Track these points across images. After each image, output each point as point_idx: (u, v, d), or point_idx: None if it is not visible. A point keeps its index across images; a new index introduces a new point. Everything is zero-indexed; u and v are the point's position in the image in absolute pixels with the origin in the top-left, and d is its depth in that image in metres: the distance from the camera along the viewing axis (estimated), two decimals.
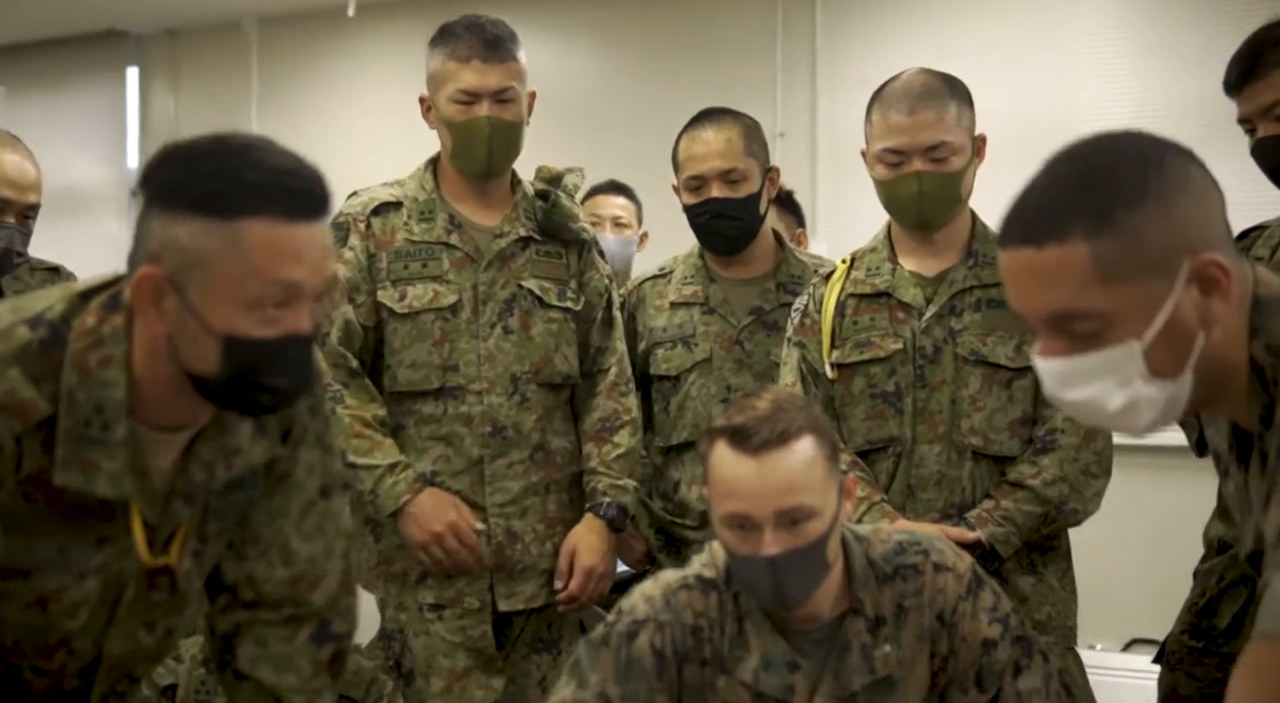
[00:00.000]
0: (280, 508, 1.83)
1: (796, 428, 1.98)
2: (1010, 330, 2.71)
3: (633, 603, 2.11)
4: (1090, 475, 2.71)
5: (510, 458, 2.86)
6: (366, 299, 2.85)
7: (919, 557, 2.09)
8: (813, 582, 1.99)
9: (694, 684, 2.06)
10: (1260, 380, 1.46)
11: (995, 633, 2.06)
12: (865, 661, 2.04)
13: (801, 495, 1.96)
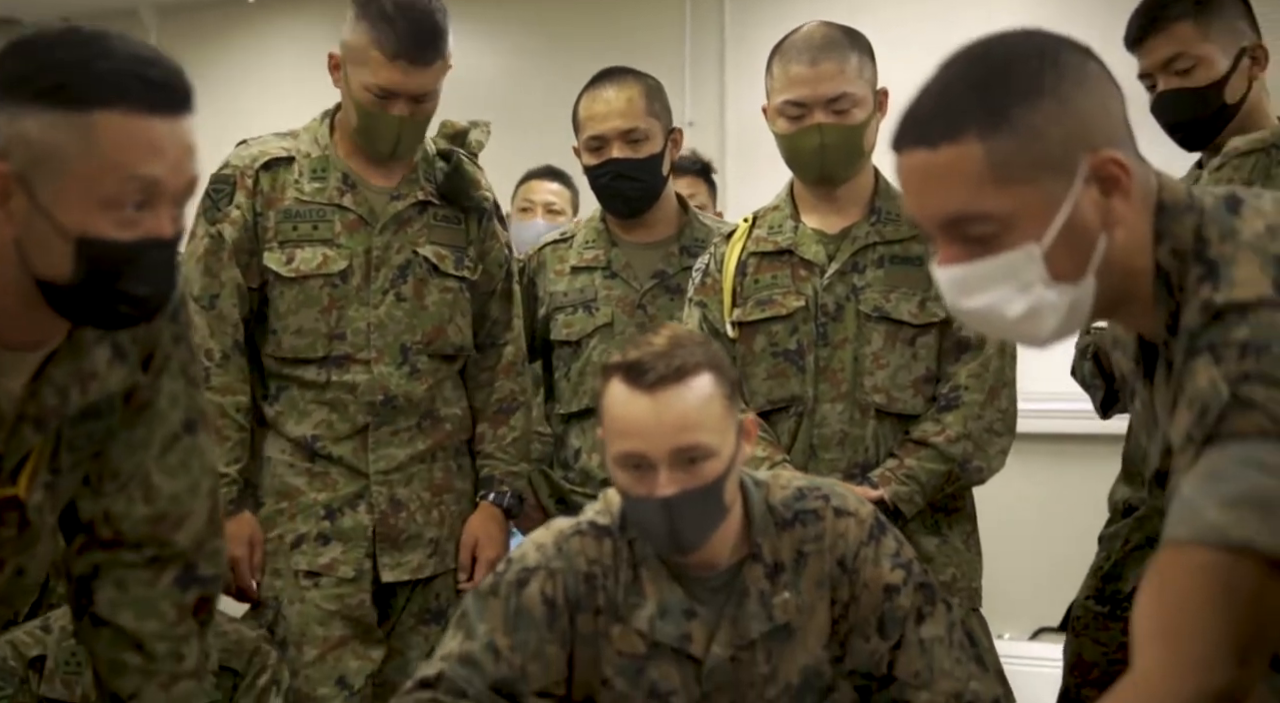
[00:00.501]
0: (141, 440, 1.73)
1: (694, 364, 1.91)
2: (914, 287, 2.67)
3: (523, 551, 2.03)
4: (994, 433, 2.67)
5: (396, 425, 2.76)
6: (250, 260, 2.74)
7: (819, 502, 2.02)
8: (709, 525, 1.92)
9: (587, 634, 1.98)
10: (1166, 287, 1.41)
11: (898, 579, 2.00)
12: (764, 608, 1.97)
13: (698, 434, 1.89)
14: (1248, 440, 1.26)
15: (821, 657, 1.99)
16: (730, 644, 1.96)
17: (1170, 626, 1.28)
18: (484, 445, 2.89)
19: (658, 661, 1.97)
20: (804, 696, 1.98)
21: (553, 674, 1.97)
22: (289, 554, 2.75)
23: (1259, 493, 1.25)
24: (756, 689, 1.97)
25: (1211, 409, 1.28)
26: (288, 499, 2.76)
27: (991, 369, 2.66)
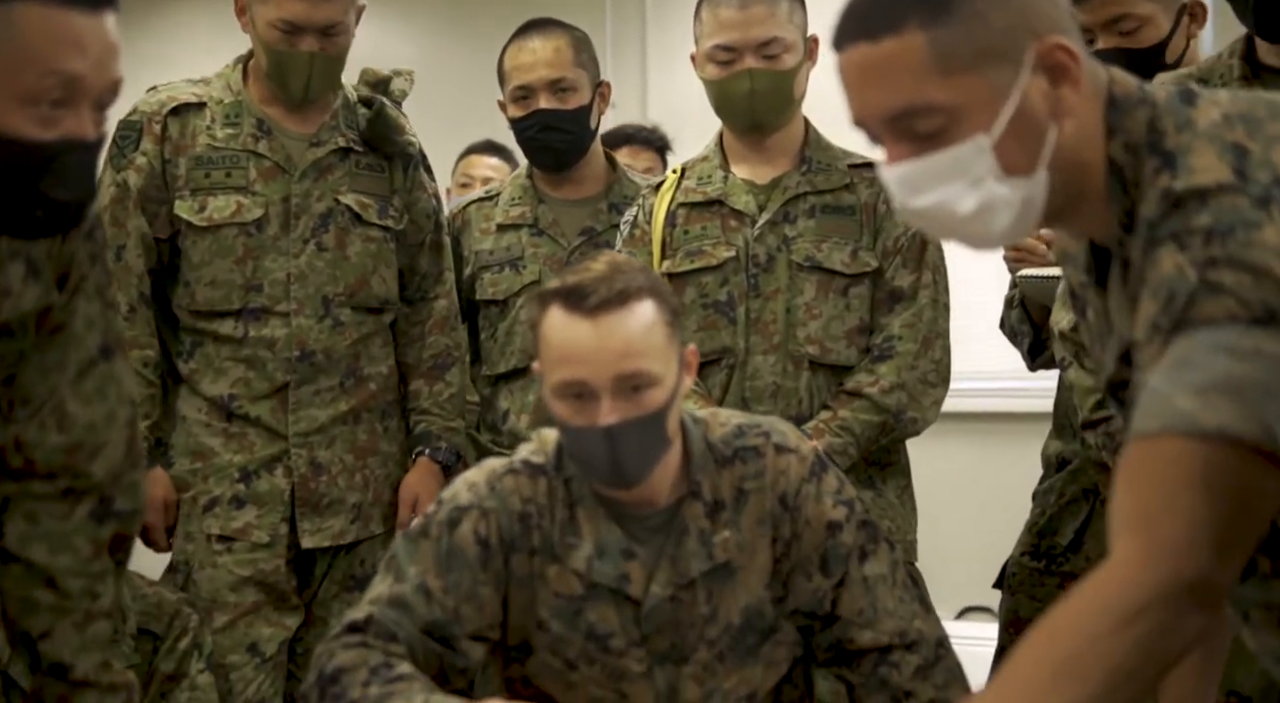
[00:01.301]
0: (55, 364, 1.65)
1: (636, 288, 1.86)
2: (846, 237, 2.64)
3: (454, 491, 1.96)
4: (928, 384, 2.65)
5: (318, 385, 2.68)
6: (161, 209, 2.65)
7: (759, 439, 1.97)
8: (653, 456, 1.86)
9: (522, 575, 1.92)
10: (1120, 183, 1.38)
11: (840, 516, 1.96)
12: (704, 547, 1.92)
13: (641, 360, 1.83)
14: (1217, 326, 1.23)
15: (763, 596, 1.94)
16: (670, 584, 1.91)
17: (1144, 514, 1.24)
18: (419, 402, 2.82)
19: (595, 602, 1.91)
20: (745, 636, 1.93)
21: (487, 617, 1.90)
22: (201, 517, 2.65)
23: (1231, 379, 1.21)
24: (697, 630, 1.92)
25: (1179, 295, 1.25)
26: (202, 460, 2.67)
27: (925, 319, 2.64)
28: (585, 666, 1.92)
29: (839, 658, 1.96)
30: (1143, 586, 1.22)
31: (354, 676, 1.79)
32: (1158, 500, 1.24)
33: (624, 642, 1.91)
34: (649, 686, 1.91)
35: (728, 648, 1.93)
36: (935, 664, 1.94)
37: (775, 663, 1.95)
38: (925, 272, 2.65)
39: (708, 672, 1.92)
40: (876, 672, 1.93)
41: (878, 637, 1.93)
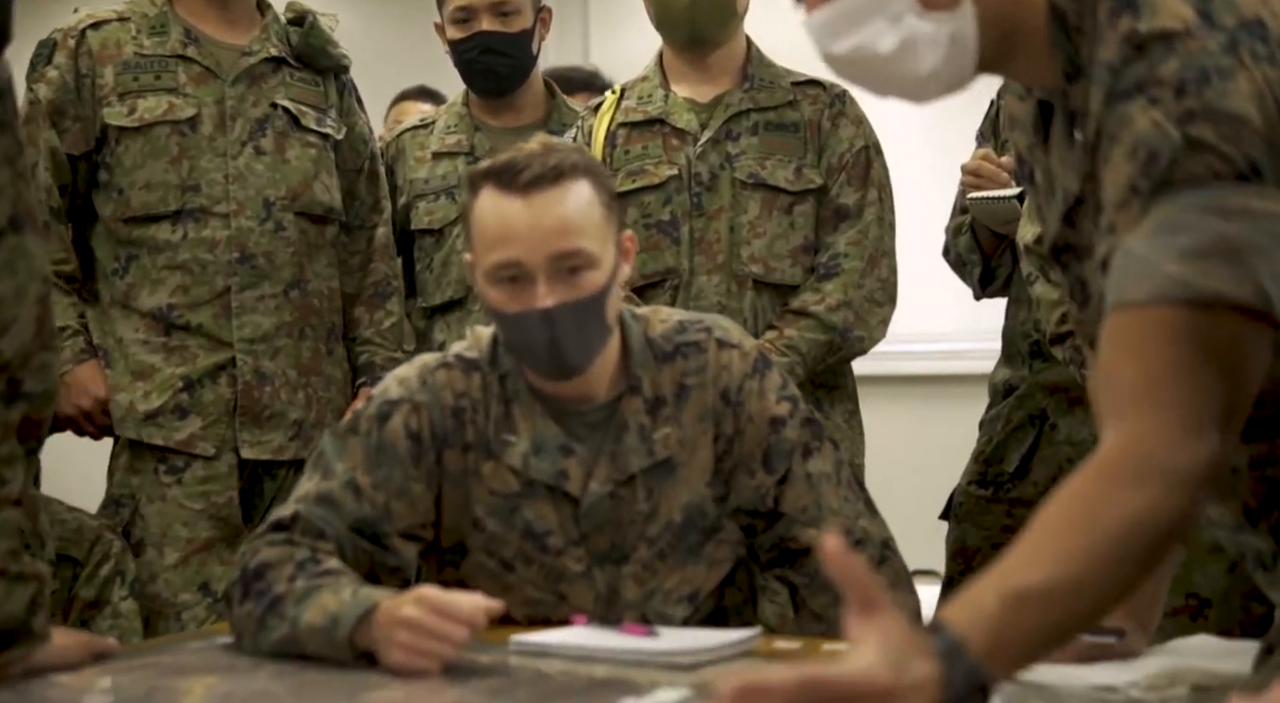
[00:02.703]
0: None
1: (570, 166, 1.79)
2: (790, 154, 2.59)
3: (385, 386, 1.89)
4: (874, 303, 2.60)
5: (261, 291, 2.59)
6: (75, 124, 2.56)
7: (701, 334, 1.91)
8: (593, 343, 1.79)
9: (455, 472, 1.85)
10: (1062, 29, 1.32)
11: (783, 411, 1.89)
12: (644, 443, 1.85)
13: (578, 239, 1.76)
14: (1202, 186, 1.17)
15: (705, 494, 1.87)
16: (609, 481, 1.84)
17: (1146, 387, 1.15)
18: (361, 331, 2.75)
19: (532, 499, 1.84)
20: (687, 534, 1.87)
21: (419, 514, 1.83)
22: (140, 424, 2.55)
23: (1224, 240, 1.14)
24: (637, 527, 1.85)
25: (1161, 156, 1.17)
26: (143, 379, 2.57)
27: (871, 237, 2.59)
28: (522, 566, 1.85)
29: (782, 558, 1.90)
30: (1173, 461, 1.13)
31: (279, 571, 1.71)
32: (1164, 373, 1.15)
33: (562, 541, 1.84)
34: (588, 586, 1.84)
35: (668, 547, 1.86)
36: (882, 564, 1.88)
37: (718, 562, 1.89)
38: (871, 189, 2.60)
39: (648, 571, 1.86)
40: (821, 571, 1.87)
41: (821, 535, 1.87)
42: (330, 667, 1.61)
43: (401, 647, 1.57)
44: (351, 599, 1.63)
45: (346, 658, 1.61)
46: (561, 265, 1.75)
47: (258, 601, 1.70)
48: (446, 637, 1.56)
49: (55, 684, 1.58)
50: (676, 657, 1.60)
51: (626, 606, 1.83)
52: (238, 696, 1.51)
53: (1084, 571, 1.12)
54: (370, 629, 1.60)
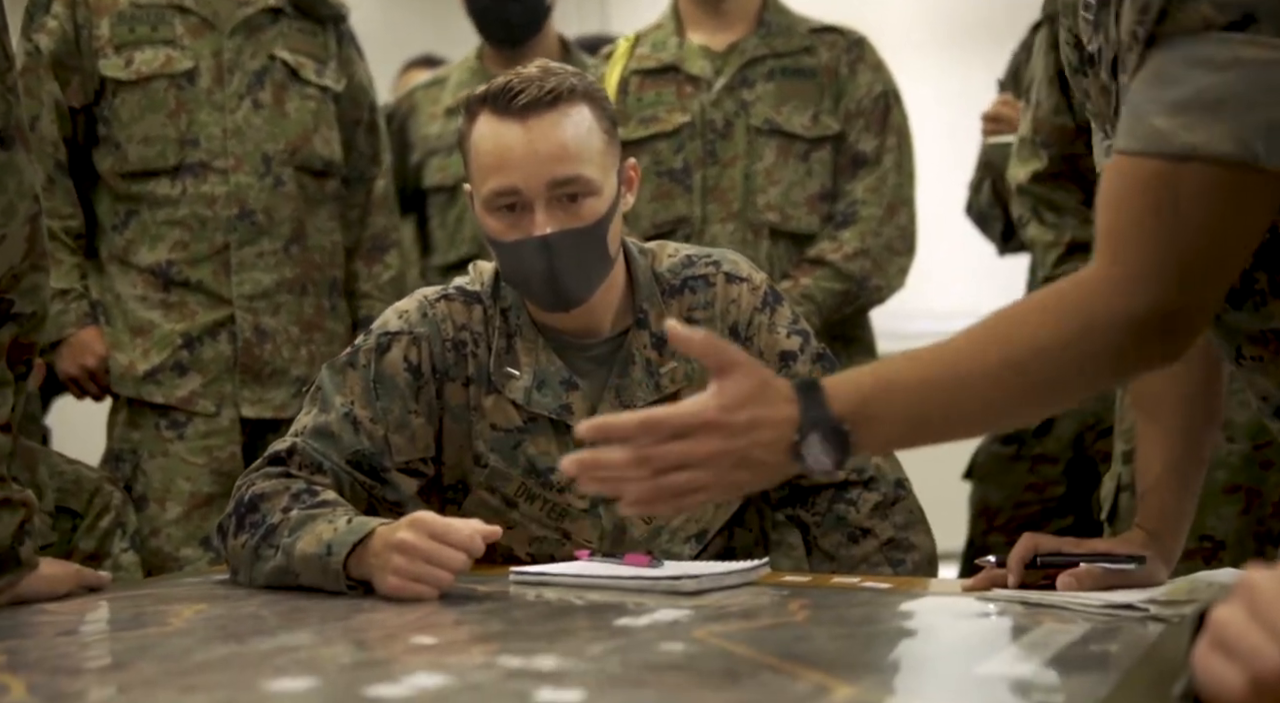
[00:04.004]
0: None
1: (569, 90, 1.73)
2: (806, 100, 2.54)
3: (384, 319, 1.84)
4: (893, 251, 2.54)
5: (261, 247, 2.55)
6: (75, 76, 2.53)
7: (709, 268, 1.85)
8: (593, 273, 1.74)
9: (456, 406, 1.80)
10: None
11: (794, 345, 1.84)
12: (650, 377, 1.80)
13: (578, 165, 1.70)
14: (1193, 37, 1.13)
15: None
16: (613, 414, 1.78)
17: (1114, 235, 1.17)
18: (360, 285, 2.70)
19: (535, 434, 1.79)
20: None
21: (419, 449, 1.78)
22: (140, 383, 2.52)
23: (1209, 93, 1.12)
24: None
25: (1152, 4, 1.15)
26: (142, 336, 2.54)
27: (889, 185, 2.53)
28: (525, 503, 1.80)
29: (793, 497, 1.85)
30: (1104, 307, 1.16)
31: (274, 502, 1.67)
32: (1127, 223, 1.17)
33: (565, 477, 1.79)
34: (593, 524, 1.79)
35: None
36: (895, 503, 1.82)
37: (725, 501, 1.83)
38: (889, 135, 2.55)
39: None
40: (832, 509, 1.82)
41: (832, 473, 1.81)
42: (323, 596, 1.56)
43: (396, 572, 1.52)
44: (346, 527, 1.58)
45: (341, 588, 1.56)
46: (560, 192, 1.70)
47: (252, 532, 1.65)
48: (442, 562, 1.51)
49: (43, 611, 1.54)
50: (679, 583, 1.54)
51: (632, 544, 1.78)
52: (227, 618, 1.46)
53: (971, 376, 1.16)
54: (365, 556, 1.55)
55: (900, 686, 1.06)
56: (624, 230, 1.84)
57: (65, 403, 2.95)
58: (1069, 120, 2.19)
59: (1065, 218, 2.26)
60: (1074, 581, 1.46)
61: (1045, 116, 2.20)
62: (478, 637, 1.34)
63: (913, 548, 1.80)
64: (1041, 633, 1.27)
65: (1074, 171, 2.24)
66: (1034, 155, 2.24)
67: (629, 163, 1.80)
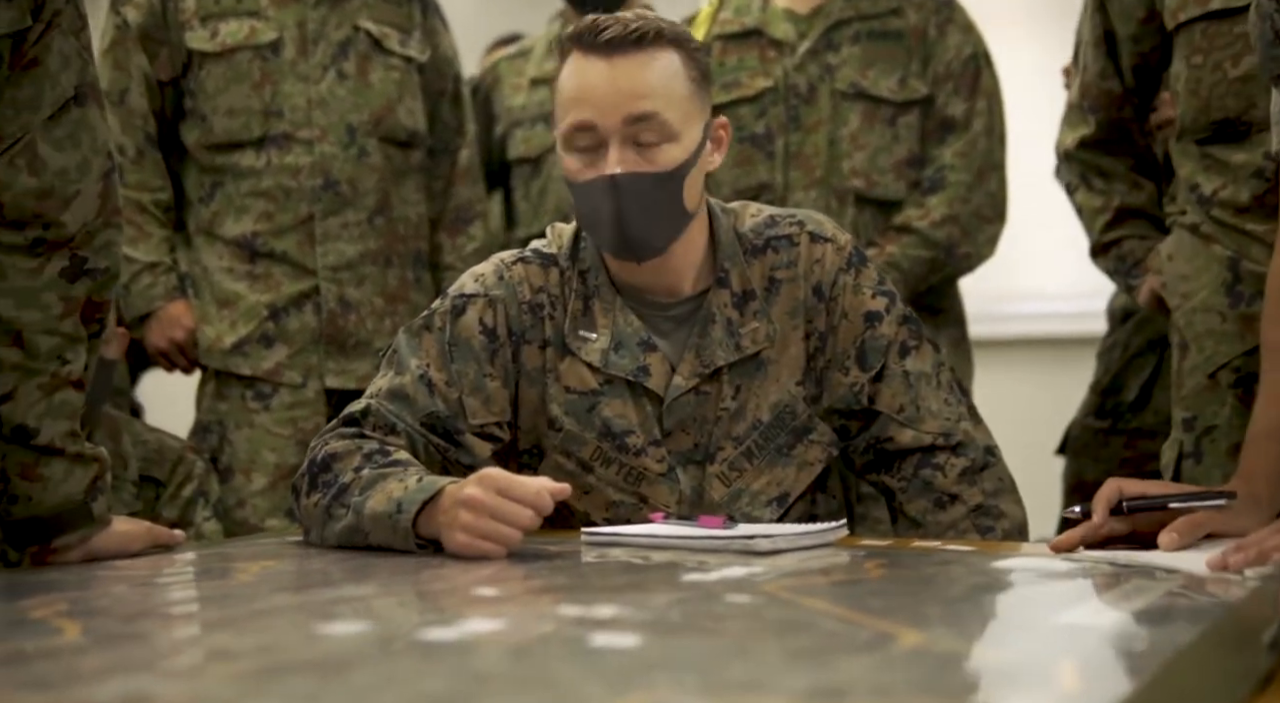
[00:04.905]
0: (27, 101, 1.52)
1: (657, 33, 1.70)
2: (894, 63, 2.48)
3: (461, 282, 1.82)
4: (983, 219, 2.47)
5: (345, 218, 2.54)
6: (163, 49, 2.54)
7: (793, 228, 1.81)
8: (663, 224, 1.70)
9: (532, 369, 1.77)
10: None
11: (879, 306, 1.79)
12: (731, 337, 1.76)
13: (655, 104, 1.66)
14: None
15: (795, 393, 1.77)
16: (693, 375, 1.75)
17: None
18: (443, 257, 2.69)
19: (611, 397, 1.76)
20: (776, 434, 1.77)
21: (494, 412, 1.75)
22: (227, 355, 2.53)
23: None
24: (722, 426, 1.76)
25: None
26: (227, 307, 2.55)
27: (979, 149, 2.47)
28: (601, 467, 1.77)
29: (878, 462, 1.79)
30: None
31: (347, 462, 1.65)
32: None
33: (642, 440, 1.75)
34: (670, 488, 1.75)
35: (756, 446, 1.77)
36: (983, 470, 1.76)
37: (809, 464, 1.79)
38: (979, 99, 2.48)
39: (734, 471, 1.76)
40: (919, 474, 1.76)
41: (919, 436, 1.76)
42: (394, 555, 1.54)
43: (464, 528, 1.49)
44: (417, 485, 1.56)
45: (410, 546, 1.54)
46: (636, 131, 1.67)
47: (324, 491, 1.64)
48: (510, 518, 1.48)
49: (113, 566, 1.54)
50: (754, 543, 1.50)
51: (711, 507, 1.74)
52: (293, 573, 1.45)
53: None
54: (434, 514, 1.53)
55: (971, 634, 1.01)
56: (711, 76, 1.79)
57: (159, 377, 2.97)
58: (1116, 84, 2.11)
59: (1114, 184, 2.19)
60: (1174, 536, 1.40)
61: (1092, 80, 2.12)
62: (541, 589, 1.31)
63: (1002, 516, 1.74)
64: (1127, 588, 1.22)
65: (1122, 137, 2.17)
66: (1081, 121, 2.17)
67: (719, 121, 1.76)
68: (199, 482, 2.38)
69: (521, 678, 0.88)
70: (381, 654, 0.93)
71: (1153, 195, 2.20)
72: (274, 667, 0.90)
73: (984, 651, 0.94)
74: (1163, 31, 1.98)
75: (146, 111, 2.53)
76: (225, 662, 0.93)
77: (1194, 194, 1.93)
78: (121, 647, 1.00)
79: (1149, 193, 2.20)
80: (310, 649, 0.96)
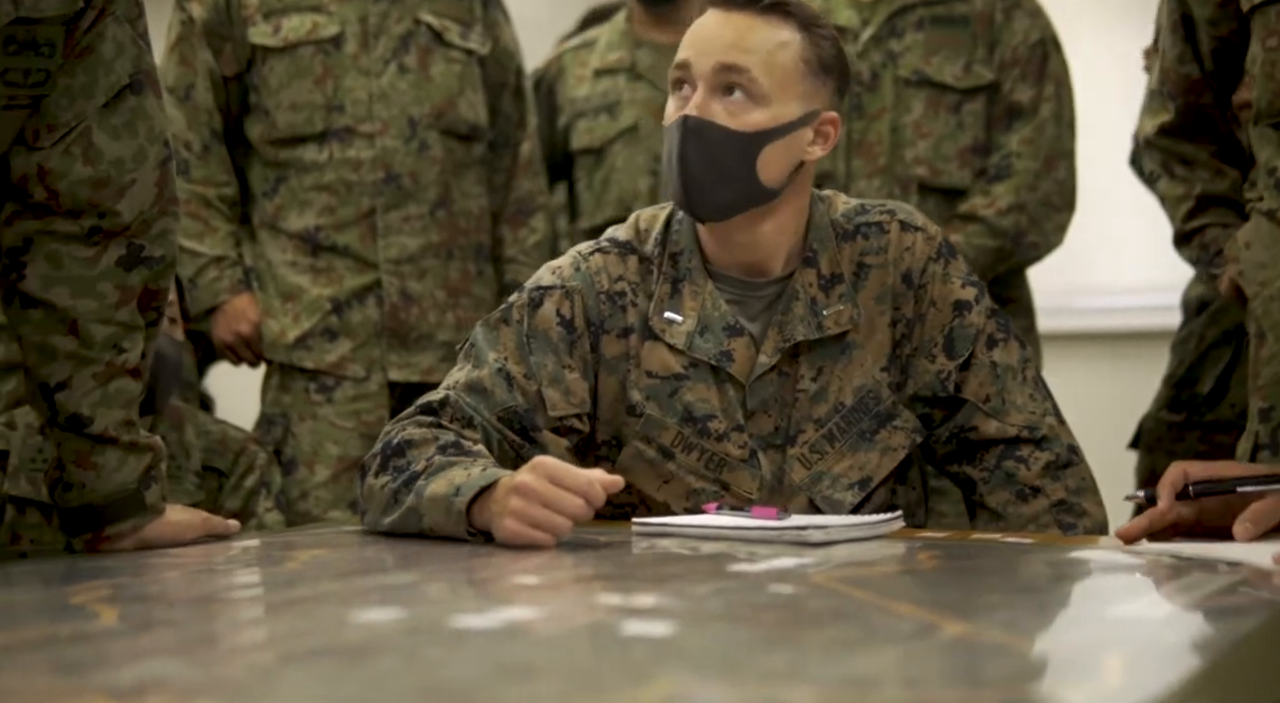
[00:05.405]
0: (83, 89, 1.53)
1: (786, 11, 1.70)
2: (958, 49, 2.43)
3: (538, 275, 1.81)
4: (1051, 207, 2.43)
5: (406, 211, 2.54)
6: (227, 45, 2.55)
7: (884, 216, 1.80)
8: (727, 185, 1.69)
9: (612, 357, 1.75)
10: None
11: (969, 295, 1.77)
12: (813, 316, 1.73)
13: (752, 61, 1.66)
14: None
15: (880, 379, 1.75)
16: (775, 351, 1.73)
17: None
18: (505, 250, 2.69)
19: (694, 381, 1.74)
20: (859, 418, 1.74)
21: (574, 404, 1.73)
22: (290, 350, 2.54)
23: None
24: (803, 408, 1.73)
25: None
26: (291, 300, 2.56)
27: (1047, 136, 2.42)
28: (682, 453, 1.74)
29: (961, 452, 1.76)
30: None
31: (421, 450, 1.64)
32: None
33: (725, 425, 1.73)
34: (751, 474, 1.73)
35: (838, 430, 1.74)
36: (1067, 467, 1.73)
37: (892, 450, 1.76)
38: (1047, 84, 2.43)
39: (815, 453, 1.74)
40: (1001, 465, 1.73)
41: (1004, 428, 1.73)
42: (447, 545, 1.53)
43: (514, 514, 1.48)
44: (480, 473, 1.54)
45: (461, 531, 1.52)
46: (725, 81, 1.66)
47: (395, 475, 1.63)
48: (560, 507, 1.47)
49: (165, 554, 1.54)
50: (806, 534, 1.48)
51: (793, 491, 1.71)
52: (342, 561, 1.45)
53: None
54: (488, 503, 1.51)
55: (1017, 625, 0.98)
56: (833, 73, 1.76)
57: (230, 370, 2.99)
58: (1195, 69, 2.04)
59: (1196, 171, 2.13)
60: (1248, 525, 1.36)
61: (1171, 66, 2.06)
62: (584, 578, 1.30)
63: (1084, 513, 1.70)
64: (1187, 581, 1.18)
65: (1203, 123, 2.11)
66: (1162, 107, 2.11)
67: (830, 116, 1.73)
68: (261, 472, 2.39)
69: (542, 666, 0.86)
70: (409, 641, 0.92)
71: (1236, 182, 2.15)
72: (297, 653, 0.89)
73: (1028, 643, 0.91)
74: (1240, 14, 1.92)
75: (211, 107, 2.55)
76: (250, 647, 0.93)
77: (1271, 179, 1.87)
78: (153, 632, 1.00)
79: (1232, 179, 2.15)
80: (338, 636, 0.95)
